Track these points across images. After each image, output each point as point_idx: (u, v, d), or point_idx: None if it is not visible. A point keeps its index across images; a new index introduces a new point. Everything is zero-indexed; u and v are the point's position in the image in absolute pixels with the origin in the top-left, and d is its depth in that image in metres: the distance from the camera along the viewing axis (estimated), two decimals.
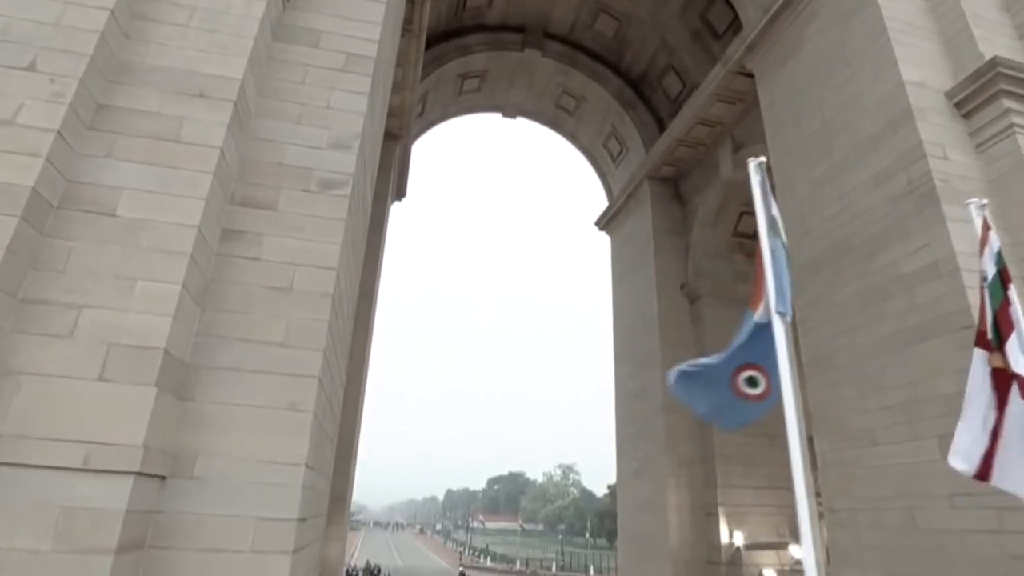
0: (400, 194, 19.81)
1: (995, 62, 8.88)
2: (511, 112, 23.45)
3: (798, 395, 3.08)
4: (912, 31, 10.04)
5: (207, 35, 5.33)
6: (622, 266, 22.43)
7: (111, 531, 3.52)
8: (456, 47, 19.25)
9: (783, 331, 3.24)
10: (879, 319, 9.16)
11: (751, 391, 3.22)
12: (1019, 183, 8.54)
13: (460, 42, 19.33)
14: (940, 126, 9.13)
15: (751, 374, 3.25)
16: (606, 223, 23.82)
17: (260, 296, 4.82)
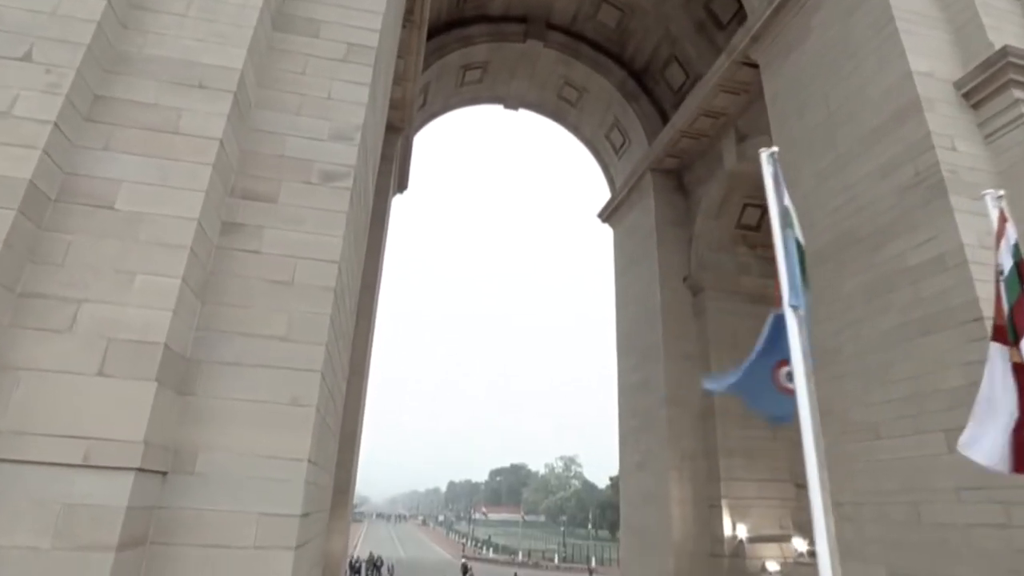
0: (402, 186, 19.72)
1: (1005, 51, 8.75)
2: (513, 103, 23.32)
3: (812, 388, 3.03)
4: (920, 20, 9.90)
5: (206, 24, 5.25)
6: (625, 258, 22.34)
7: (112, 528, 3.49)
8: (458, 38, 19.11)
9: (795, 324, 3.19)
10: (884, 312, 9.08)
11: (791, 385, 3.16)
12: None
13: (462, 33, 19.19)
14: (948, 117, 9.01)
15: (789, 369, 3.19)
16: (609, 215, 23.70)
17: (261, 290, 4.77)
